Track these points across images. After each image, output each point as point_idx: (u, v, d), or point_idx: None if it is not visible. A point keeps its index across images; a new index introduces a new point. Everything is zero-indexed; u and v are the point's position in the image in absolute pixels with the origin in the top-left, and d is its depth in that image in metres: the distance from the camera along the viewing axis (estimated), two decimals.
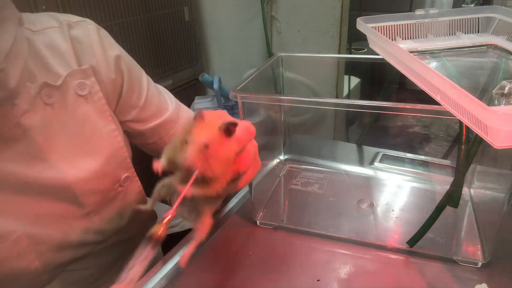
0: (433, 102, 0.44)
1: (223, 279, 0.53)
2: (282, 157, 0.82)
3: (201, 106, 1.46)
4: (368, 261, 0.56)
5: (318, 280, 0.52)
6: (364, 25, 0.58)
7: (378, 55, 0.58)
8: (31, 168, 0.48)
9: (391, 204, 0.67)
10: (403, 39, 0.60)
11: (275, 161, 0.80)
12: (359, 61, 0.77)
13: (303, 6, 1.39)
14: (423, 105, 0.46)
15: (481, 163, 0.67)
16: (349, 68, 1.66)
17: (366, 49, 2.20)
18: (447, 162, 0.79)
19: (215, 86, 1.38)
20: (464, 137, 0.48)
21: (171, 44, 1.45)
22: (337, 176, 0.77)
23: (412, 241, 0.55)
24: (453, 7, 2.36)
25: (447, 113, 0.41)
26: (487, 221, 0.59)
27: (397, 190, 0.71)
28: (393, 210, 0.65)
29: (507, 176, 0.55)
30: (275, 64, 0.75)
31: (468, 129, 0.48)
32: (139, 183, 0.62)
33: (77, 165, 0.52)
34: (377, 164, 0.79)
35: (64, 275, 0.55)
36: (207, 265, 0.53)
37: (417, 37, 0.60)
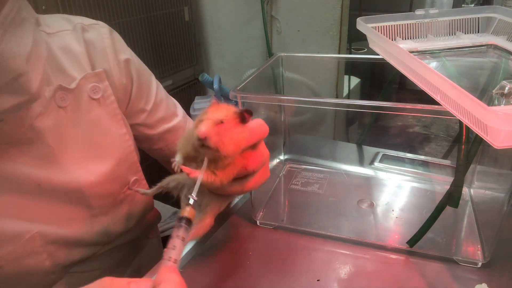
0: (433, 102, 0.44)
1: (223, 279, 0.53)
2: (282, 157, 0.82)
3: (201, 106, 1.46)
4: (368, 261, 0.56)
5: (318, 280, 0.52)
6: (364, 25, 0.58)
7: (378, 55, 0.58)
8: (43, 171, 0.48)
9: (391, 204, 0.67)
10: (403, 39, 0.60)
11: (275, 161, 0.80)
12: (359, 61, 0.77)
13: (303, 6, 1.39)
14: (423, 105, 0.46)
15: (481, 163, 0.67)
16: (349, 68, 1.66)
17: (366, 49, 2.20)
18: (447, 162, 0.79)
19: (215, 86, 1.38)
20: (464, 137, 0.48)
21: (171, 44, 1.45)
22: (337, 176, 0.77)
23: (412, 241, 0.55)
24: (453, 7, 2.36)
25: (447, 113, 0.41)
26: (487, 221, 0.59)
27: (397, 190, 0.71)
28: (393, 210, 0.65)
29: (507, 176, 0.55)
30: (275, 64, 0.75)
31: (468, 129, 0.48)
32: (147, 186, 0.62)
33: (89, 169, 0.52)
34: (377, 164, 0.79)
35: (70, 276, 0.55)
36: (207, 265, 0.53)
37: (417, 37, 0.60)
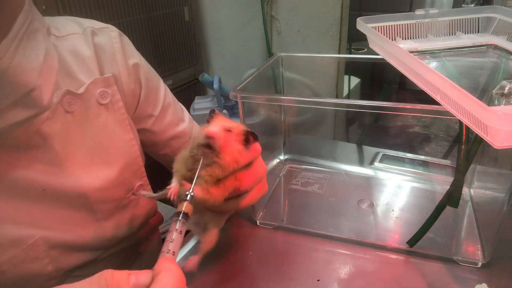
0: (433, 102, 0.44)
1: (223, 279, 0.53)
2: (282, 157, 0.82)
3: (201, 106, 1.46)
4: (368, 261, 0.56)
5: (318, 280, 0.52)
6: (364, 25, 0.58)
7: (378, 55, 0.58)
8: (49, 176, 0.47)
9: (391, 204, 0.67)
10: (403, 39, 0.60)
11: (275, 161, 0.80)
12: (359, 61, 0.77)
13: (303, 6, 1.39)
14: (423, 105, 0.46)
15: (481, 163, 0.67)
16: (349, 68, 1.66)
17: (366, 49, 2.20)
18: (447, 162, 0.79)
19: (215, 86, 1.38)
20: (464, 137, 0.48)
21: (171, 44, 1.45)
22: (337, 176, 0.77)
23: (412, 241, 0.55)
24: (453, 7, 2.36)
25: (447, 113, 0.41)
26: (487, 221, 0.59)
27: (397, 190, 0.71)
28: (393, 210, 0.65)
29: (507, 176, 0.55)
30: (275, 64, 0.75)
31: (468, 129, 0.48)
32: (151, 191, 0.62)
33: (94, 174, 0.51)
34: (377, 164, 0.79)
35: (71, 280, 0.55)
36: (207, 264, 0.53)
37: (417, 37, 0.60)
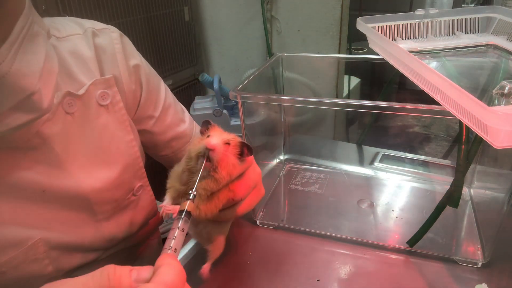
0: (433, 102, 0.44)
1: (223, 279, 0.53)
2: (282, 157, 0.82)
3: (201, 106, 1.46)
4: (368, 261, 0.56)
5: (318, 280, 0.52)
6: (364, 25, 0.58)
7: (378, 55, 0.58)
8: (49, 177, 0.47)
9: (391, 204, 0.67)
10: (403, 39, 0.60)
11: (275, 161, 0.80)
12: (359, 61, 0.77)
13: (303, 6, 1.39)
14: (423, 105, 0.46)
15: (481, 163, 0.67)
16: (349, 68, 1.66)
17: (366, 49, 2.20)
18: (447, 162, 0.79)
19: (215, 86, 1.38)
20: (464, 137, 0.48)
21: (171, 44, 1.45)
22: (337, 176, 0.77)
23: (412, 241, 0.55)
24: (453, 7, 2.36)
25: (447, 113, 0.41)
26: (487, 221, 0.59)
27: (397, 190, 0.71)
28: (393, 210, 0.65)
29: (507, 176, 0.55)
30: (275, 64, 0.75)
31: (468, 129, 0.48)
32: (151, 192, 0.62)
33: (94, 175, 0.51)
34: (377, 164, 0.79)
35: None
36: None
37: (417, 37, 0.60)
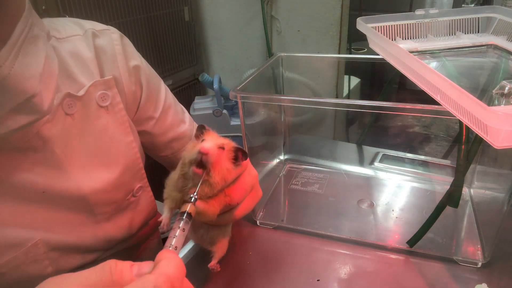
0: (433, 102, 0.44)
1: (223, 279, 0.53)
2: (282, 157, 0.82)
3: (201, 106, 1.46)
4: (368, 261, 0.56)
5: (318, 280, 0.52)
6: (364, 25, 0.58)
7: (378, 55, 0.58)
8: (49, 178, 0.47)
9: (391, 204, 0.67)
10: (403, 39, 0.60)
11: (275, 161, 0.80)
12: (359, 61, 0.77)
13: (303, 6, 1.39)
14: (423, 105, 0.46)
15: (481, 163, 0.67)
16: (349, 68, 1.66)
17: (366, 49, 2.20)
18: (447, 162, 0.79)
19: (215, 86, 1.38)
20: (464, 137, 0.48)
21: (171, 44, 1.45)
22: (337, 176, 0.77)
23: (412, 241, 0.55)
24: (453, 7, 2.36)
25: (447, 113, 0.41)
26: (487, 221, 0.59)
27: (397, 190, 0.71)
28: (393, 210, 0.65)
29: (507, 176, 0.55)
30: (275, 64, 0.75)
31: (468, 129, 0.48)
32: (151, 193, 0.62)
33: (94, 176, 0.51)
34: (377, 164, 0.79)
35: None
36: (207, 264, 0.53)
37: (417, 37, 0.60)
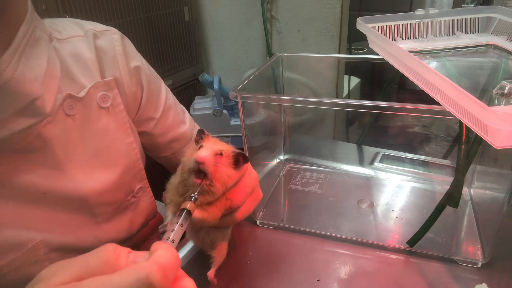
0: (433, 102, 0.44)
1: (223, 279, 0.53)
2: (282, 157, 0.82)
3: (201, 106, 1.46)
4: (368, 261, 0.56)
5: (318, 280, 0.52)
6: (364, 25, 0.58)
7: (378, 55, 0.58)
8: (49, 179, 0.47)
9: (391, 204, 0.67)
10: (403, 39, 0.60)
11: (275, 161, 0.80)
12: (359, 61, 0.77)
13: (303, 6, 1.39)
14: (423, 105, 0.46)
15: (481, 163, 0.67)
16: (349, 68, 1.66)
17: (366, 49, 2.20)
18: (447, 162, 0.79)
19: (215, 86, 1.38)
20: (464, 137, 0.48)
21: (171, 44, 1.45)
22: (337, 176, 0.77)
23: (412, 241, 0.55)
24: (453, 7, 2.36)
25: (447, 113, 0.41)
26: (487, 221, 0.59)
27: (397, 190, 0.71)
28: (393, 210, 0.65)
29: (507, 176, 0.55)
30: (275, 64, 0.75)
31: (468, 129, 0.48)
32: (151, 193, 0.62)
33: (94, 177, 0.51)
34: (377, 164, 0.79)
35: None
36: (207, 264, 0.53)
37: (417, 37, 0.60)
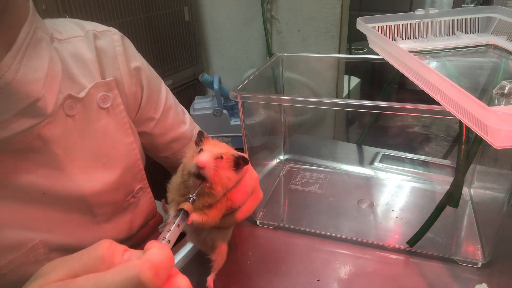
0: (433, 102, 0.44)
1: (223, 279, 0.53)
2: (282, 157, 0.82)
3: (201, 106, 1.46)
4: (368, 261, 0.56)
5: (318, 280, 0.52)
6: (364, 25, 0.58)
7: (378, 55, 0.58)
8: (49, 179, 0.47)
9: (391, 204, 0.67)
10: (403, 39, 0.60)
11: (275, 161, 0.80)
12: (359, 61, 0.77)
13: (303, 6, 1.39)
14: (423, 105, 0.46)
15: (481, 163, 0.67)
16: (349, 68, 1.66)
17: (366, 49, 2.20)
18: (447, 162, 0.79)
19: (215, 86, 1.38)
20: (464, 137, 0.48)
21: (171, 44, 1.45)
22: (337, 176, 0.77)
23: (412, 241, 0.55)
24: (453, 7, 2.36)
25: (447, 113, 0.41)
26: (487, 221, 0.59)
27: (397, 190, 0.71)
28: (393, 210, 0.65)
29: (507, 176, 0.55)
30: (275, 64, 0.75)
31: (468, 129, 0.48)
32: (151, 194, 0.62)
33: (94, 178, 0.51)
34: (377, 164, 0.79)
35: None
36: (207, 265, 0.53)
37: (417, 37, 0.60)
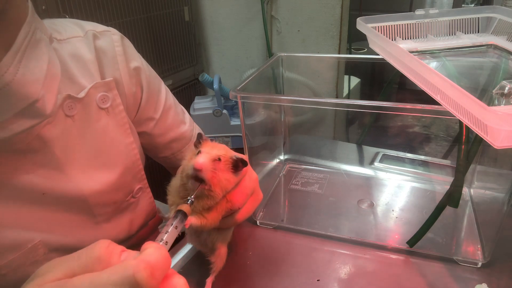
0: (433, 102, 0.44)
1: (223, 279, 0.53)
2: (282, 157, 0.82)
3: (201, 106, 1.46)
4: (368, 261, 0.56)
5: (318, 280, 0.52)
6: (364, 25, 0.58)
7: (378, 55, 0.58)
8: (49, 180, 0.47)
9: (391, 204, 0.67)
10: (403, 39, 0.60)
11: (275, 161, 0.80)
12: (359, 61, 0.77)
13: (303, 6, 1.39)
14: (423, 105, 0.46)
15: (481, 163, 0.67)
16: (349, 68, 1.66)
17: (366, 49, 2.20)
18: (447, 162, 0.79)
19: (215, 86, 1.38)
20: (464, 137, 0.48)
21: (171, 44, 1.45)
22: (337, 176, 0.77)
23: (412, 241, 0.55)
24: (453, 7, 2.36)
25: (447, 113, 0.41)
26: (487, 221, 0.59)
27: (397, 190, 0.71)
28: (393, 210, 0.65)
29: (507, 176, 0.55)
30: (275, 64, 0.75)
31: (468, 129, 0.48)
32: (150, 194, 0.62)
33: (94, 178, 0.51)
34: (377, 164, 0.79)
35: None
36: (207, 265, 0.53)
37: (417, 37, 0.60)
